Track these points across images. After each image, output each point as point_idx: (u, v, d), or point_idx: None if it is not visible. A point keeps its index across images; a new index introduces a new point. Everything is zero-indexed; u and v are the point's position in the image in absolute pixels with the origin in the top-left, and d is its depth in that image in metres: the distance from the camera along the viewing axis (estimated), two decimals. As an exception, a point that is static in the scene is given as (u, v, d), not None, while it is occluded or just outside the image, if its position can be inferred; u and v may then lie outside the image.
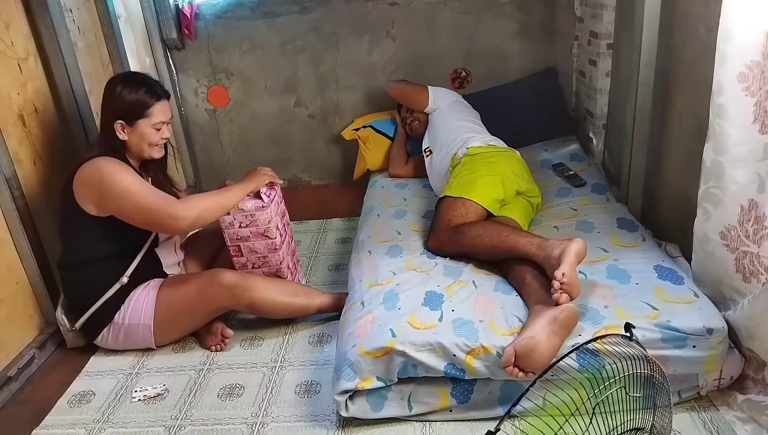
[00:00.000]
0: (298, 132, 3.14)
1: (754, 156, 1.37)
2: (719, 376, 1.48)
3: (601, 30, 2.46)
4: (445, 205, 1.95)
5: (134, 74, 1.98)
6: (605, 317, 1.49)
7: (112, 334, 1.88)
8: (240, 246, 1.98)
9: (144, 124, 1.81)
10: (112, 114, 1.79)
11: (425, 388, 1.52)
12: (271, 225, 1.94)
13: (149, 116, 1.81)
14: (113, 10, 2.55)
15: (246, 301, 1.85)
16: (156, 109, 1.81)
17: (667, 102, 1.96)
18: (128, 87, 1.79)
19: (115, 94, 1.78)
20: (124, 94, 1.78)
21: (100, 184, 1.72)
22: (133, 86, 1.79)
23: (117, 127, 1.79)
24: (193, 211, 1.76)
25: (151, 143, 1.84)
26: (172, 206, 1.74)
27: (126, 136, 1.81)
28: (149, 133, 1.82)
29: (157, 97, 1.82)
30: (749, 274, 1.44)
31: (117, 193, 1.72)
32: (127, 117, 1.79)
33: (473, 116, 2.54)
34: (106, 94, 1.82)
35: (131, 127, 1.80)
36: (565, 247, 1.55)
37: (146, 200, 1.73)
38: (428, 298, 1.64)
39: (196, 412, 1.66)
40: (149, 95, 1.80)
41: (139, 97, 1.79)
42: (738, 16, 1.32)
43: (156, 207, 1.73)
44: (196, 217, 1.77)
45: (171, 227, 1.80)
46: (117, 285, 1.84)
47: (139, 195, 1.73)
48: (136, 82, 1.82)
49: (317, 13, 2.91)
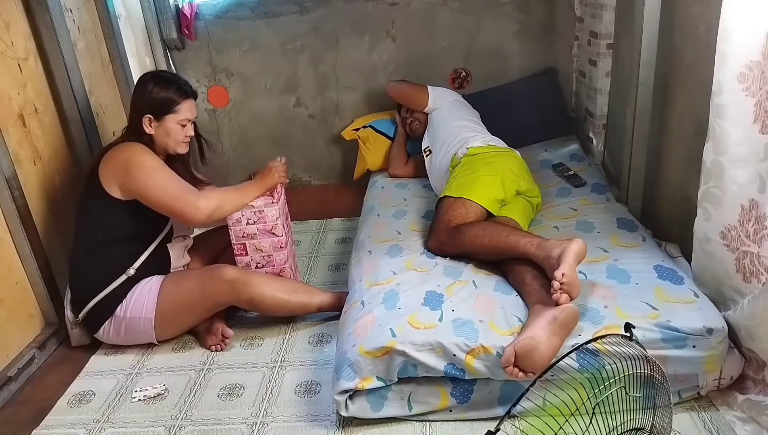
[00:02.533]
0: (298, 132, 3.14)
1: (755, 156, 1.37)
2: (719, 376, 1.48)
3: (601, 30, 2.46)
4: (444, 205, 1.95)
5: (165, 73, 2.08)
6: (605, 317, 1.49)
7: (113, 327, 1.88)
8: (245, 244, 1.98)
9: (171, 119, 1.87)
10: (142, 108, 1.86)
11: (425, 387, 1.52)
12: (278, 222, 1.95)
13: (176, 112, 1.88)
14: (113, 10, 2.55)
15: (246, 296, 1.86)
16: (184, 106, 1.89)
17: (667, 102, 1.96)
18: (159, 84, 1.87)
19: (146, 90, 1.86)
20: (155, 91, 1.86)
21: (128, 163, 1.80)
22: (164, 84, 1.87)
23: (145, 121, 1.85)
24: (212, 202, 1.83)
25: (177, 139, 1.90)
26: (193, 195, 1.82)
27: (153, 131, 1.87)
28: (175, 129, 1.89)
29: (186, 96, 1.90)
30: (749, 274, 1.44)
31: (143, 174, 1.79)
32: (155, 112, 1.86)
33: (473, 116, 2.53)
34: (137, 90, 1.90)
35: (158, 122, 1.87)
36: (565, 247, 1.55)
37: (169, 185, 1.81)
38: (428, 298, 1.64)
39: (196, 412, 1.66)
40: (178, 93, 1.88)
41: (169, 95, 1.87)
42: (738, 16, 1.32)
43: (178, 193, 1.81)
44: (215, 208, 1.84)
45: (190, 215, 1.83)
46: (123, 276, 1.86)
47: (163, 179, 1.81)
48: (167, 80, 1.90)
49: (317, 13, 2.91)
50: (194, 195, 1.82)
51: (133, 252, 1.89)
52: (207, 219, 1.85)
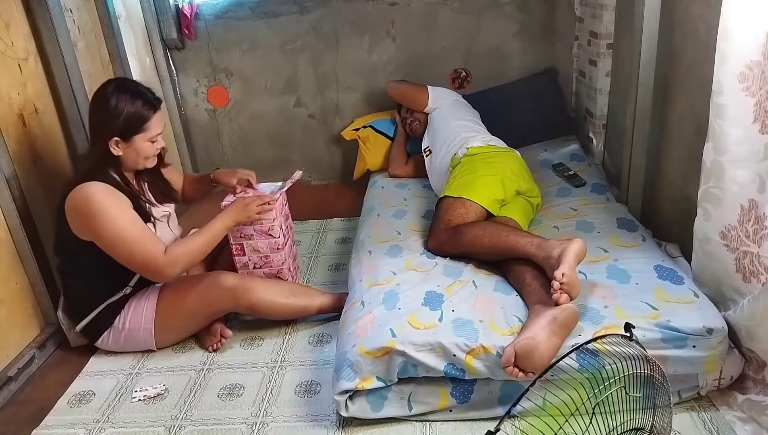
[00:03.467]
0: (298, 132, 3.14)
1: (755, 156, 1.37)
2: (719, 376, 1.48)
3: (601, 30, 2.46)
4: (444, 205, 1.95)
5: (126, 84, 1.77)
6: (605, 317, 1.49)
7: (112, 337, 1.88)
8: (243, 244, 1.98)
9: (140, 139, 1.72)
10: (107, 130, 1.68)
11: (425, 388, 1.52)
12: (275, 223, 1.95)
13: (146, 130, 1.72)
14: (113, 10, 2.55)
15: (246, 302, 1.85)
16: (153, 122, 1.73)
17: (667, 102, 1.96)
18: (123, 99, 1.67)
19: (109, 108, 1.66)
20: (120, 108, 1.66)
21: (90, 218, 1.66)
22: (129, 98, 1.68)
23: (111, 144, 1.69)
24: (179, 265, 1.74)
25: (147, 156, 1.77)
26: (161, 261, 1.70)
27: (121, 152, 1.71)
28: (145, 147, 1.74)
29: (154, 109, 1.73)
30: (749, 274, 1.44)
31: (108, 236, 1.67)
32: (123, 133, 1.69)
33: (473, 116, 2.53)
34: (98, 108, 1.70)
35: (127, 144, 1.71)
36: (565, 247, 1.55)
37: (137, 251, 1.68)
38: (428, 298, 1.64)
39: (196, 412, 1.66)
40: (146, 108, 1.70)
41: (137, 111, 1.68)
42: (738, 16, 1.32)
43: (145, 259, 1.69)
44: (182, 269, 1.78)
45: (155, 279, 1.81)
46: (119, 293, 1.84)
47: (131, 242, 1.67)
48: (131, 93, 1.70)
49: (317, 13, 2.91)
50: (161, 261, 1.69)
51: (126, 275, 1.83)
52: (174, 277, 1.78)
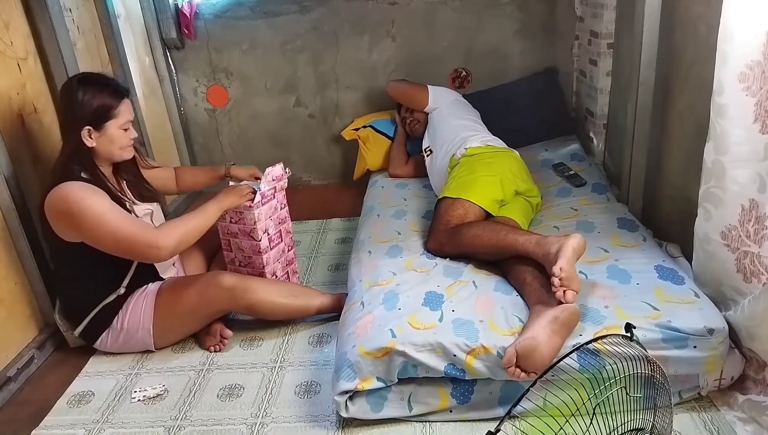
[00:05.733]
0: (298, 132, 3.14)
1: (755, 156, 1.37)
2: (720, 377, 1.48)
3: (602, 29, 2.45)
4: (444, 206, 1.94)
5: (90, 75, 1.80)
6: (606, 317, 1.49)
7: (111, 338, 1.87)
8: (230, 241, 2.01)
9: (112, 125, 1.72)
10: (78, 121, 1.69)
11: (425, 388, 1.52)
12: (257, 226, 1.94)
13: (116, 117, 1.72)
14: (113, 9, 2.55)
15: (245, 302, 1.85)
16: (122, 109, 1.73)
17: (668, 102, 1.96)
18: (90, 90, 1.69)
19: (76, 100, 1.68)
20: (87, 99, 1.68)
21: (69, 214, 1.63)
22: (95, 89, 1.70)
23: (84, 133, 1.69)
24: (172, 238, 1.69)
25: (122, 145, 1.77)
26: (152, 235, 1.67)
27: (94, 142, 1.71)
28: (118, 134, 1.74)
29: (121, 96, 1.74)
30: (750, 274, 1.44)
31: (90, 223, 1.63)
32: (94, 122, 1.69)
33: (473, 115, 2.53)
34: (66, 101, 1.72)
35: (99, 132, 1.71)
36: (563, 242, 1.54)
37: (123, 230, 1.65)
38: (428, 299, 1.64)
39: (195, 412, 1.66)
40: (113, 96, 1.72)
41: (104, 99, 1.70)
42: (738, 15, 1.32)
43: (134, 237, 1.65)
44: (177, 244, 1.71)
45: (151, 257, 1.73)
46: (113, 295, 1.83)
47: (115, 224, 1.64)
48: (97, 84, 1.72)
49: (317, 13, 2.91)
50: (153, 235, 1.67)
51: (118, 275, 1.82)
52: (170, 255, 1.73)
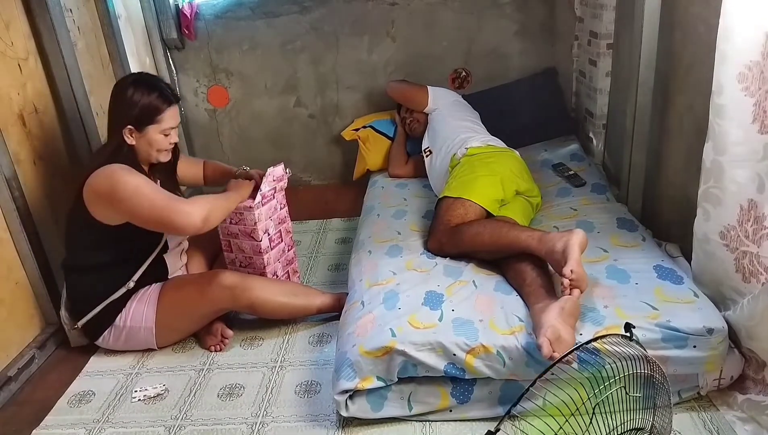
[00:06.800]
0: (298, 132, 3.15)
1: (754, 156, 1.37)
2: (719, 376, 1.49)
3: (601, 30, 2.46)
4: (444, 205, 1.95)
5: (145, 77, 1.86)
6: (605, 317, 1.49)
7: (113, 335, 1.88)
8: (230, 241, 2.01)
9: (153, 130, 1.76)
10: (122, 119, 1.74)
11: (425, 387, 1.52)
12: (258, 227, 1.95)
13: (159, 122, 1.76)
14: (113, 10, 2.55)
15: (246, 301, 1.85)
16: (167, 114, 1.77)
17: (667, 102, 1.97)
18: (140, 91, 1.73)
19: (126, 98, 1.73)
20: (135, 99, 1.72)
21: (111, 189, 1.68)
22: (145, 90, 1.74)
23: (126, 132, 1.74)
24: (203, 209, 1.71)
25: (160, 149, 1.80)
26: (184, 204, 1.70)
27: (134, 141, 1.76)
28: (158, 139, 1.78)
29: (169, 102, 1.77)
30: (749, 274, 1.44)
31: (128, 195, 1.67)
32: (137, 122, 1.74)
33: (473, 116, 2.54)
34: (116, 98, 1.76)
35: (140, 133, 1.75)
36: (567, 240, 1.54)
37: (158, 199, 1.68)
38: (428, 298, 1.64)
39: (196, 412, 1.66)
40: (161, 100, 1.75)
41: (152, 102, 1.73)
42: (738, 16, 1.32)
43: (168, 205, 1.68)
44: (207, 215, 1.71)
45: (183, 225, 1.70)
46: (122, 289, 1.83)
47: (150, 195, 1.68)
48: (148, 85, 1.76)
49: (317, 13, 2.91)
50: (184, 204, 1.70)
51: (130, 269, 1.85)
52: (203, 224, 1.73)
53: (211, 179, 2.22)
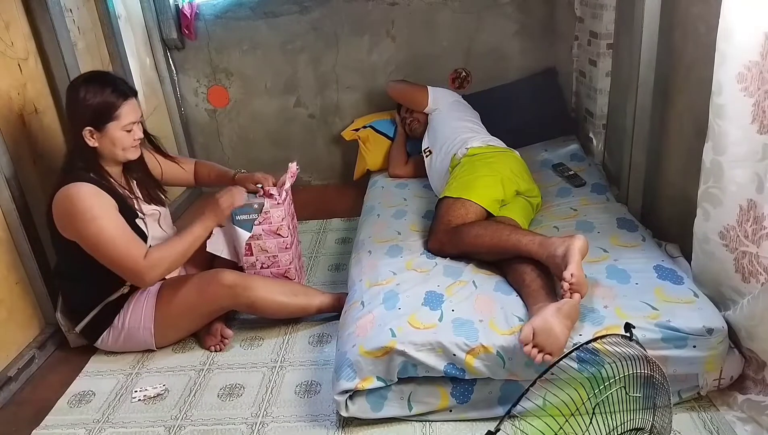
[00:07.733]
0: (298, 132, 3.15)
1: (753, 156, 1.37)
2: (719, 376, 1.49)
3: (601, 30, 2.46)
4: (444, 205, 1.95)
5: (96, 74, 1.80)
6: (605, 317, 1.49)
7: (112, 337, 1.88)
8: (251, 244, 1.98)
9: (113, 127, 1.70)
10: (79, 121, 1.69)
11: (425, 387, 1.52)
12: (284, 223, 1.95)
13: (118, 118, 1.70)
14: (113, 10, 2.55)
15: (246, 300, 1.85)
16: (125, 109, 1.71)
17: (667, 102, 1.97)
18: (92, 90, 1.68)
19: (78, 99, 1.68)
20: (88, 98, 1.67)
21: (71, 216, 1.66)
22: (97, 88, 1.69)
23: (86, 134, 1.69)
24: (159, 268, 1.73)
25: (125, 147, 1.75)
26: (139, 265, 1.69)
27: (96, 143, 1.71)
28: (120, 136, 1.72)
29: (124, 97, 1.72)
30: (748, 274, 1.44)
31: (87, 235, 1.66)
32: (94, 122, 1.69)
33: (473, 116, 2.54)
34: (70, 100, 1.72)
35: (101, 133, 1.70)
36: (568, 245, 1.54)
37: (116, 253, 1.68)
38: (428, 298, 1.64)
39: (196, 412, 1.66)
40: (115, 95, 1.70)
41: (105, 99, 1.68)
42: (737, 16, 1.32)
43: (124, 263, 1.69)
44: (164, 273, 1.76)
45: (137, 282, 1.77)
46: (117, 293, 1.83)
47: (111, 244, 1.67)
48: (99, 83, 1.70)
49: (317, 13, 2.91)
50: (140, 265, 1.69)
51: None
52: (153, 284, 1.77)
53: (204, 181, 2.20)
